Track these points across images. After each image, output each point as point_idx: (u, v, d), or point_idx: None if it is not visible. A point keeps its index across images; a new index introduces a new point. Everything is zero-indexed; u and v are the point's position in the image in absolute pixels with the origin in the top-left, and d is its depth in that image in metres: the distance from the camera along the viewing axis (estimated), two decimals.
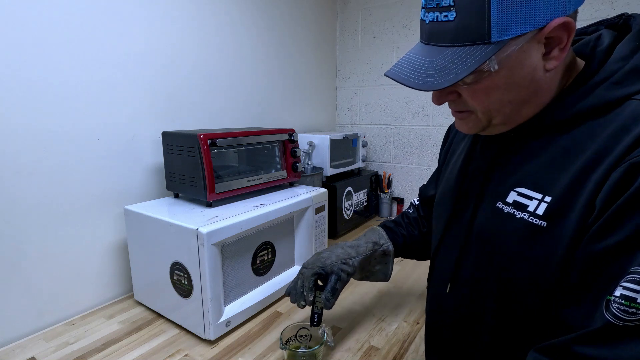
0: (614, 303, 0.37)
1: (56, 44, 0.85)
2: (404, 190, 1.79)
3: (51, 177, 0.87)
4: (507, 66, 0.42)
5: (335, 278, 0.74)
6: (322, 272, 0.75)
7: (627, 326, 0.36)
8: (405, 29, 1.66)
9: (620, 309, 0.36)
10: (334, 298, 0.74)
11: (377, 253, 0.80)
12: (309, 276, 0.75)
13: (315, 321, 0.76)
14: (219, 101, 1.28)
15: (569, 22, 0.40)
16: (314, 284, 0.76)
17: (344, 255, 0.77)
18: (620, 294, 0.36)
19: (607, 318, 0.37)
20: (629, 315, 0.36)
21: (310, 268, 0.76)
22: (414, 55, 0.46)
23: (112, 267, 1.02)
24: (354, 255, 0.78)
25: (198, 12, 1.17)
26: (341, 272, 0.75)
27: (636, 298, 0.35)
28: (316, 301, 0.76)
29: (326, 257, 0.77)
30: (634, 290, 0.36)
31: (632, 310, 0.35)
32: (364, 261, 0.78)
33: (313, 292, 0.75)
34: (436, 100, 0.49)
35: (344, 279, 0.75)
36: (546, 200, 0.45)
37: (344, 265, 0.75)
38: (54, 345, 0.82)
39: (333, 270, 0.75)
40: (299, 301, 0.76)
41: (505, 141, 0.52)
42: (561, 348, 0.40)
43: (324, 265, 0.75)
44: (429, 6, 0.43)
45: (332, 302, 0.73)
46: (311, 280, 0.75)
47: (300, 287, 0.76)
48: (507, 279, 0.49)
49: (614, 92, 0.43)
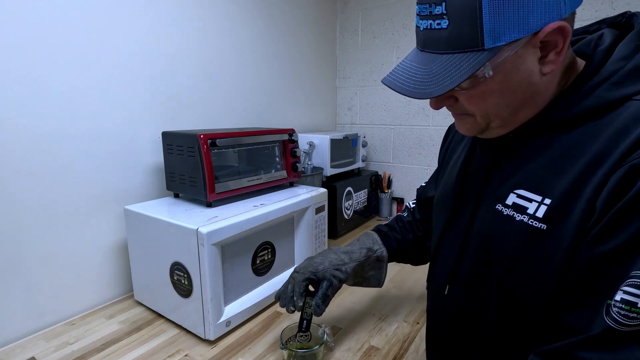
0: (614, 307, 0.36)
1: (56, 44, 0.85)
2: (404, 190, 1.79)
3: (51, 177, 0.88)
4: (502, 71, 0.42)
5: (327, 284, 0.73)
6: (313, 277, 0.74)
7: (628, 331, 0.36)
8: (405, 29, 1.66)
9: (621, 313, 0.36)
10: (324, 305, 0.72)
11: (371, 259, 0.79)
12: (300, 281, 0.74)
13: (304, 327, 0.75)
14: (219, 101, 1.28)
15: (564, 26, 0.40)
16: (304, 289, 0.74)
17: (337, 261, 0.76)
18: (620, 299, 0.36)
19: (607, 323, 0.37)
20: (630, 320, 0.35)
21: (302, 273, 0.75)
22: (410, 63, 0.46)
23: (112, 267, 1.02)
24: (347, 262, 0.76)
25: (198, 12, 1.17)
26: (333, 279, 0.73)
27: (637, 302, 0.35)
28: (306, 307, 0.74)
29: (319, 262, 0.76)
30: (634, 294, 0.35)
31: (633, 315, 0.35)
32: (357, 267, 0.77)
33: (303, 298, 0.74)
34: (434, 106, 0.49)
35: (335, 285, 0.74)
36: (546, 202, 0.44)
37: (337, 272, 0.74)
38: (54, 345, 0.82)
39: (325, 276, 0.73)
40: (289, 306, 0.75)
41: (504, 143, 0.51)
42: (562, 353, 0.40)
43: (316, 270, 0.74)
44: (422, 14, 0.43)
45: (322, 308, 0.72)
46: (302, 286, 0.74)
47: (290, 291, 0.75)
48: (507, 281, 0.49)
49: (614, 92, 0.42)
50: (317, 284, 0.74)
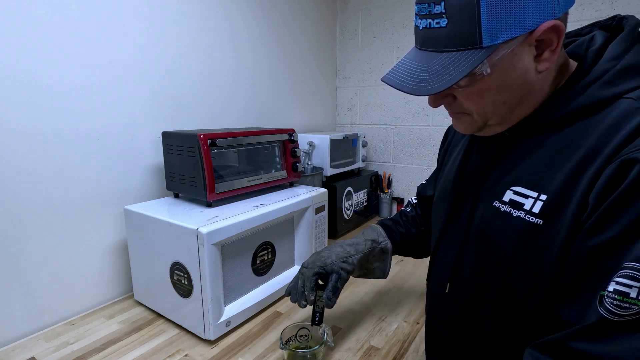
0: (607, 298, 0.37)
1: (56, 44, 0.85)
2: (404, 190, 1.79)
3: (51, 177, 0.88)
4: (499, 69, 0.43)
5: (336, 277, 0.75)
6: (322, 271, 0.76)
7: (621, 321, 0.36)
8: (405, 29, 1.66)
9: (614, 303, 0.37)
10: (335, 297, 0.75)
11: (375, 251, 0.81)
12: (310, 276, 0.76)
13: (316, 320, 0.77)
14: (219, 101, 1.28)
15: (559, 25, 0.41)
16: (315, 284, 0.76)
17: (344, 253, 0.78)
18: (613, 289, 0.37)
19: (601, 313, 0.37)
20: (623, 310, 0.36)
21: (311, 268, 0.77)
22: (409, 61, 0.47)
23: (112, 267, 1.02)
24: (353, 254, 0.78)
25: (199, 12, 1.17)
26: (341, 271, 0.75)
27: (629, 293, 0.36)
28: (317, 300, 0.76)
29: (326, 256, 0.78)
30: (626, 285, 0.36)
31: (626, 305, 0.36)
32: (362, 259, 0.79)
33: (314, 292, 0.76)
34: (432, 103, 0.50)
35: (344, 277, 0.76)
36: (542, 198, 0.45)
37: (344, 264, 0.76)
38: (54, 345, 0.82)
39: (333, 270, 0.75)
40: (300, 301, 0.77)
41: (501, 141, 0.53)
42: (557, 344, 0.41)
43: (325, 264, 0.76)
44: (421, 13, 0.44)
45: (333, 301, 0.74)
46: (312, 280, 0.75)
47: (301, 287, 0.77)
48: (506, 278, 0.49)
49: (605, 91, 0.44)
50: (326, 277, 0.76)
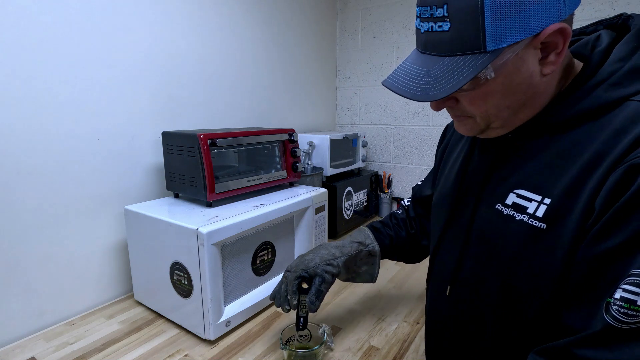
0: (613, 305, 0.37)
1: (56, 44, 0.85)
2: (404, 190, 1.79)
3: (51, 177, 0.87)
4: (503, 73, 0.42)
5: (320, 280, 0.73)
6: (305, 274, 0.74)
7: (627, 329, 0.36)
8: (405, 29, 1.65)
9: (620, 311, 0.36)
10: (318, 301, 0.73)
11: (362, 253, 0.79)
12: (292, 280, 0.74)
13: (300, 325, 0.75)
14: (219, 101, 1.28)
15: (565, 27, 0.40)
16: (297, 287, 0.75)
17: (328, 256, 0.76)
18: (620, 297, 0.36)
19: (607, 320, 0.37)
20: (629, 318, 0.35)
21: (294, 271, 0.75)
22: (411, 65, 0.46)
23: (112, 267, 1.02)
24: (339, 256, 0.77)
25: (199, 12, 1.17)
26: (325, 274, 0.74)
27: (636, 300, 0.35)
28: (301, 304, 0.75)
29: (309, 259, 0.76)
30: (634, 292, 0.35)
31: (632, 312, 0.35)
32: (349, 261, 0.77)
33: (297, 296, 0.74)
34: (435, 107, 0.48)
35: (328, 280, 0.74)
36: (545, 202, 0.44)
37: (328, 267, 0.74)
38: (54, 345, 0.82)
39: (317, 272, 0.74)
40: (284, 305, 0.75)
41: (504, 143, 0.52)
42: (561, 350, 0.40)
43: (307, 267, 0.74)
44: (423, 16, 0.43)
45: (316, 304, 0.72)
46: (295, 284, 0.74)
47: (284, 291, 0.75)
48: (507, 281, 0.49)
49: (612, 93, 0.43)
50: (310, 280, 0.75)
